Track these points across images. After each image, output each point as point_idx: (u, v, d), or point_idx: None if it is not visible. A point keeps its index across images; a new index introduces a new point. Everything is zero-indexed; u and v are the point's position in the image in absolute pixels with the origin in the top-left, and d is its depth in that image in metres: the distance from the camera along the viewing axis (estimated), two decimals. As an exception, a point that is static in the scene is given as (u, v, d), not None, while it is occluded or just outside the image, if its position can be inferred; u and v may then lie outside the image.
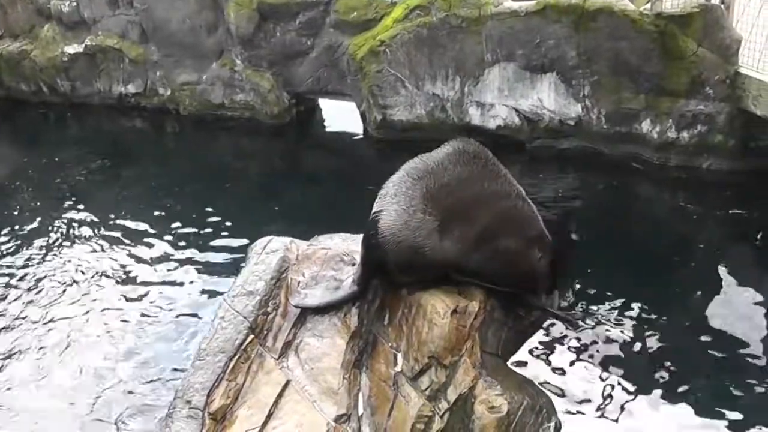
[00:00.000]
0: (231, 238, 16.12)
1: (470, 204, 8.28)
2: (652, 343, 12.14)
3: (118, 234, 16.65)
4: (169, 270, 15.02)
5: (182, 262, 15.27)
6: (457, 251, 8.29)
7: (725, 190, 17.29)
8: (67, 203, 18.54)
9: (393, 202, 8.27)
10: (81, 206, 18.26)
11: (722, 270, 14.34)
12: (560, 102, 18.92)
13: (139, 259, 15.46)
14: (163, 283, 14.54)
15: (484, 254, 8.38)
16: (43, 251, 15.99)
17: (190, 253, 15.62)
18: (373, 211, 8.44)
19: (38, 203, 18.70)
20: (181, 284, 14.45)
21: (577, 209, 17.00)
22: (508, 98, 19.46)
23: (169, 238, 16.35)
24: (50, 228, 17.07)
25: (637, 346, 12.09)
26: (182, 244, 16.04)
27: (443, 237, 8.20)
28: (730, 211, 16.43)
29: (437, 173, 8.28)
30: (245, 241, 14.27)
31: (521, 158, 18.84)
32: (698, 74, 17.38)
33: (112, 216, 17.61)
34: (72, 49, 25.63)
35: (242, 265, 9.76)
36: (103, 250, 15.94)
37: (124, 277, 14.84)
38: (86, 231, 16.90)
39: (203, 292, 14.10)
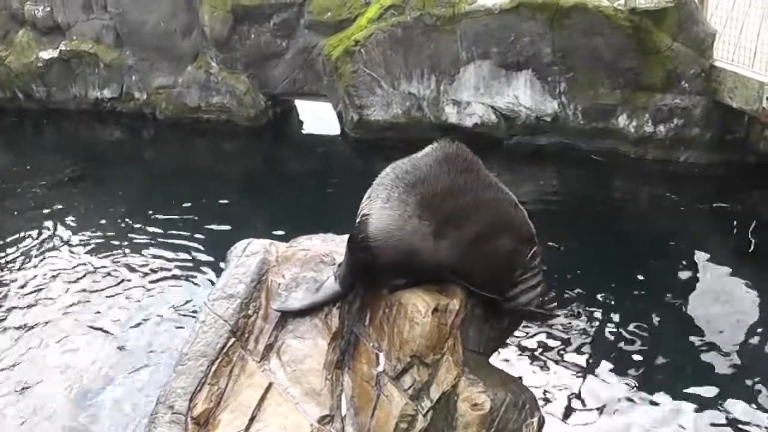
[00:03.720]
0: (210, 241, 16.09)
1: (464, 211, 8.28)
2: (634, 337, 12.21)
3: (95, 240, 16.57)
4: (149, 274, 14.97)
5: (162, 267, 15.22)
6: (451, 254, 8.29)
7: (703, 183, 17.43)
8: (45, 209, 18.41)
9: (386, 207, 8.21)
10: (58, 212, 18.15)
11: (702, 263, 14.45)
12: (536, 99, 18.98)
13: (117, 265, 15.38)
14: (143, 287, 14.49)
15: (476, 257, 8.39)
16: (20, 259, 15.88)
17: (170, 257, 15.58)
18: (361, 213, 8.40)
19: (15, 212, 18.54)
20: (161, 289, 14.41)
21: (555, 205, 17.04)
22: (484, 96, 19.50)
23: (147, 242, 16.30)
24: (27, 236, 16.94)
25: (619, 340, 12.16)
26: (161, 248, 15.98)
27: (438, 241, 8.20)
28: (708, 204, 16.55)
29: (431, 182, 8.23)
30: (225, 244, 14.23)
31: (499, 156, 18.87)
32: (674, 68, 17.51)
33: (90, 222, 17.54)
34: (47, 54, 25.44)
35: (222, 268, 9.73)
36: (80, 257, 15.86)
37: (102, 282, 14.76)
38: (64, 236, 16.80)
39: (183, 296, 14.07)
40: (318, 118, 23.38)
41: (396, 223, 8.18)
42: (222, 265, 10.20)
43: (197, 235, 16.39)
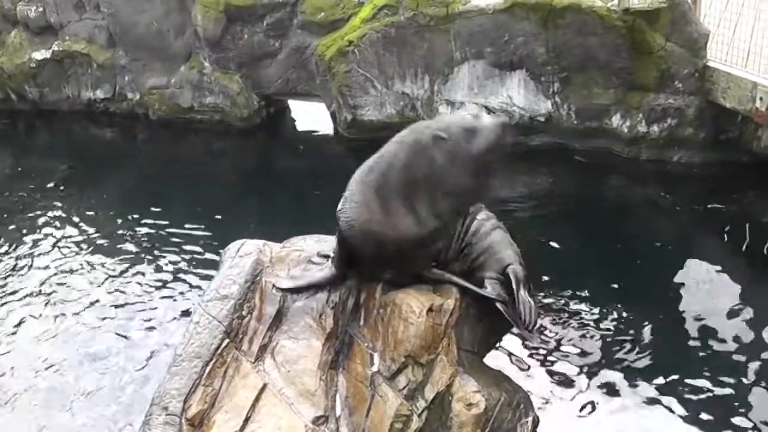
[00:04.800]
0: (204, 241, 16.06)
1: (414, 185, 8.14)
2: (628, 336, 12.20)
3: (88, 241, 16.54)
4: (142, 276, 14.93)
5: (156, 268, 15.19)
6: (412, 225, 8.14)
7: (697, 183, 17.43)
8: (37, 210, 18.36)
9: (353, 200, 8.27)
10: (50, 213, 18.12)
11: (697, 262, 14.44)
12: (530, 99, 18.97)
13: (110, 266, 15.35)
14: (136, 288, 14.46)
15: (434, 213, 8.22)
16: (13, 261, 15.84)
17: (164, 258, 15.54)
18: (338, 208, 8.47)
19: (5, 215, 18.47)
20: (155, 290, 14.38)
21: (549, 205, 17.04)
22: (477, 96, 19.48)
23: (140, 243, 16.27)
24: (20, 237, 16.91)
25: (613, 339, 12.14)
26: (155, 249, 15.95)
27: (396, 218, 8.11)
28: (702, 203, 16.54)
29: (383, 161, 8.21)
30: (218, 245, 14.20)
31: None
32: (667, 68, 17.52)
33: (82, 223, 17.49)
34: (39, 55, 25.37)
35: (215, 269, 9.72)
36: (72, 258, 15.82)
37: (96, 284, 14.73)
38: (56, 237, 16.76)
39: (177, 297, 14.04)
40: (311, 118, 23.34)
41: (359, 215, 8.19)
42: (216, 266, 10.19)
43: (190, 236, 16.36)
